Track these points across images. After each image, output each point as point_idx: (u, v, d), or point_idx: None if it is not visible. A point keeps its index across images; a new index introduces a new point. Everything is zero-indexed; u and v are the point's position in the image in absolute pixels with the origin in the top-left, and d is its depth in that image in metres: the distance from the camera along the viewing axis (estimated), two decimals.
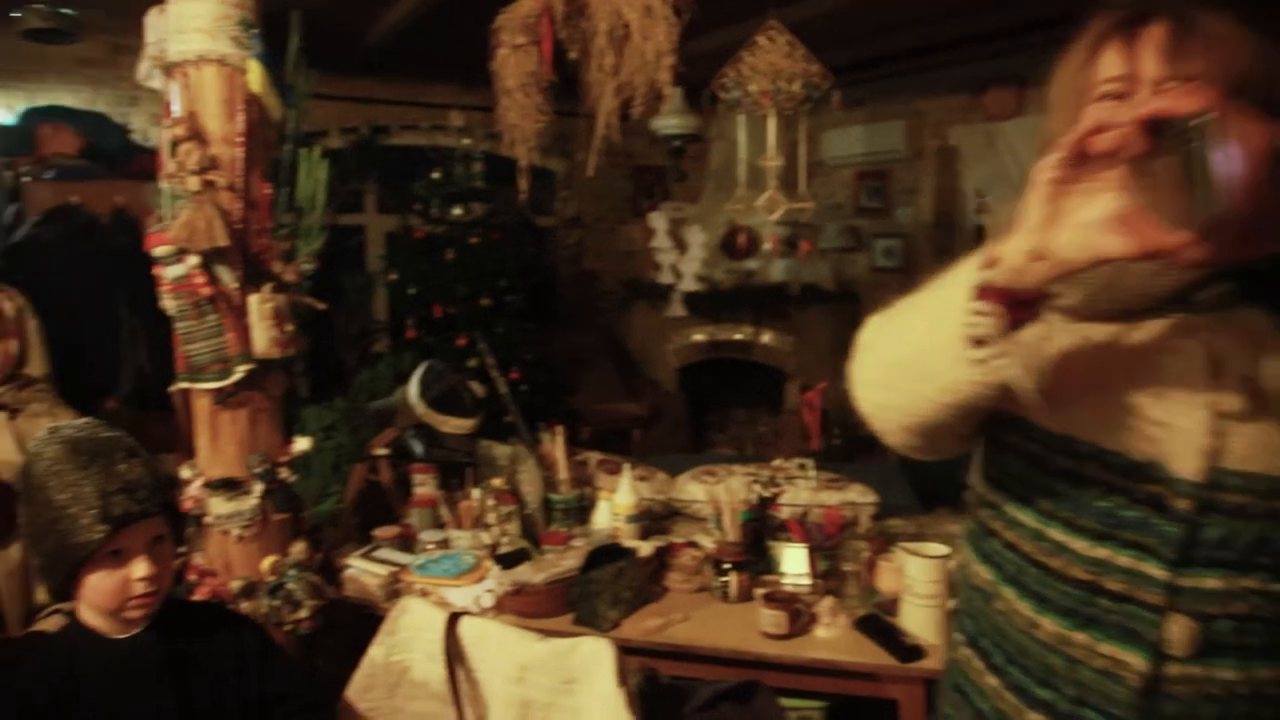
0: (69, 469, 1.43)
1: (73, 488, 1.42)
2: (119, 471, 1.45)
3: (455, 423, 2.74)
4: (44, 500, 1.43)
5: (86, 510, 1.41)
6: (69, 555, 1.42)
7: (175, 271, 2.05)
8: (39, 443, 1.49)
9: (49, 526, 1.42)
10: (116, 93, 5.31)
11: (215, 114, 2.13)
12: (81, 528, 1.41)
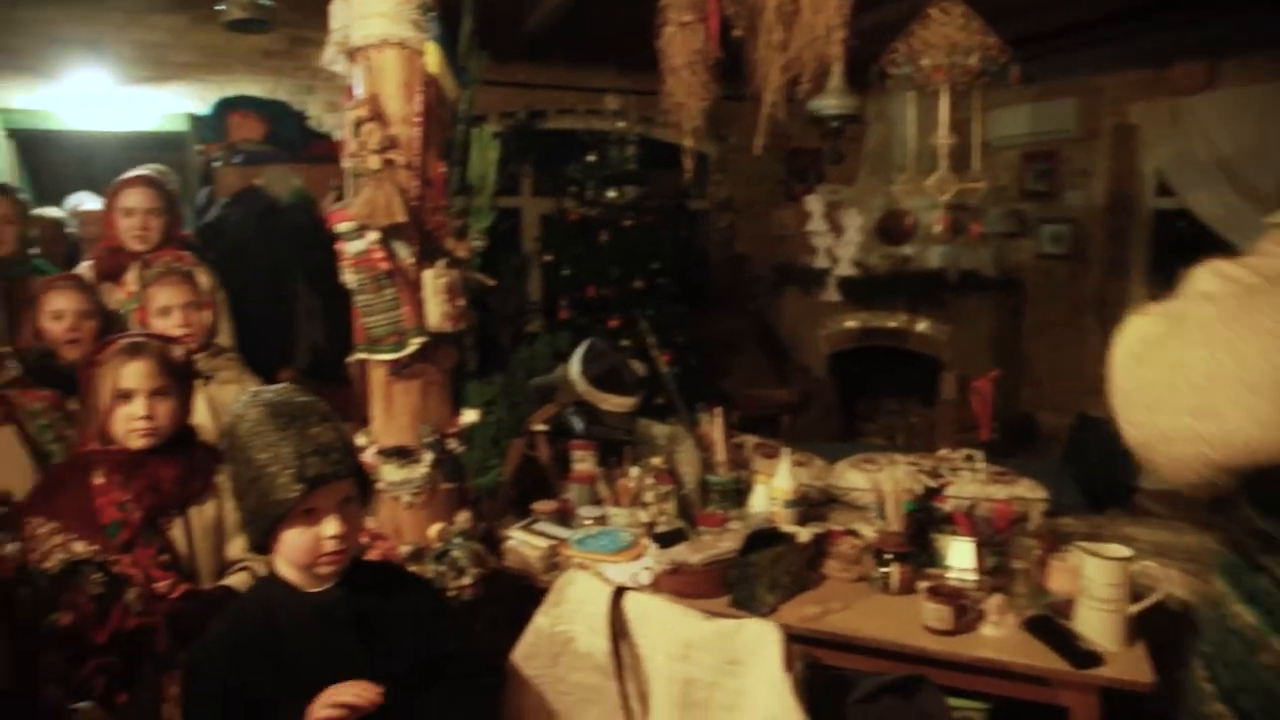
0: (269, 430, 1.52)
1: (272, 448, 1.50)
2: (313, 434, 1.53)
3: (615, 400, 2.76)
4: (246, 459, 1.52)
5: (284, 470, 1.49)
6: (268, 511, 1.51)
7: (356, 247, 2.14)
8: (242, 405, 1.58)
9: (251, 484, 1.51)
10: (295, 82, 5.60)
11: (395, 95, 2.20)
12: (279, 486, 1.49)
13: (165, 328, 2.55)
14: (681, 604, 1.88)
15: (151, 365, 1.99)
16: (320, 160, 4.38)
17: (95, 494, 1.97)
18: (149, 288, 2.58)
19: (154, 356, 2.00)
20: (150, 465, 2.00)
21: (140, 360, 1.98)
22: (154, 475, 2.01)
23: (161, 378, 1.99)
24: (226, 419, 1.62)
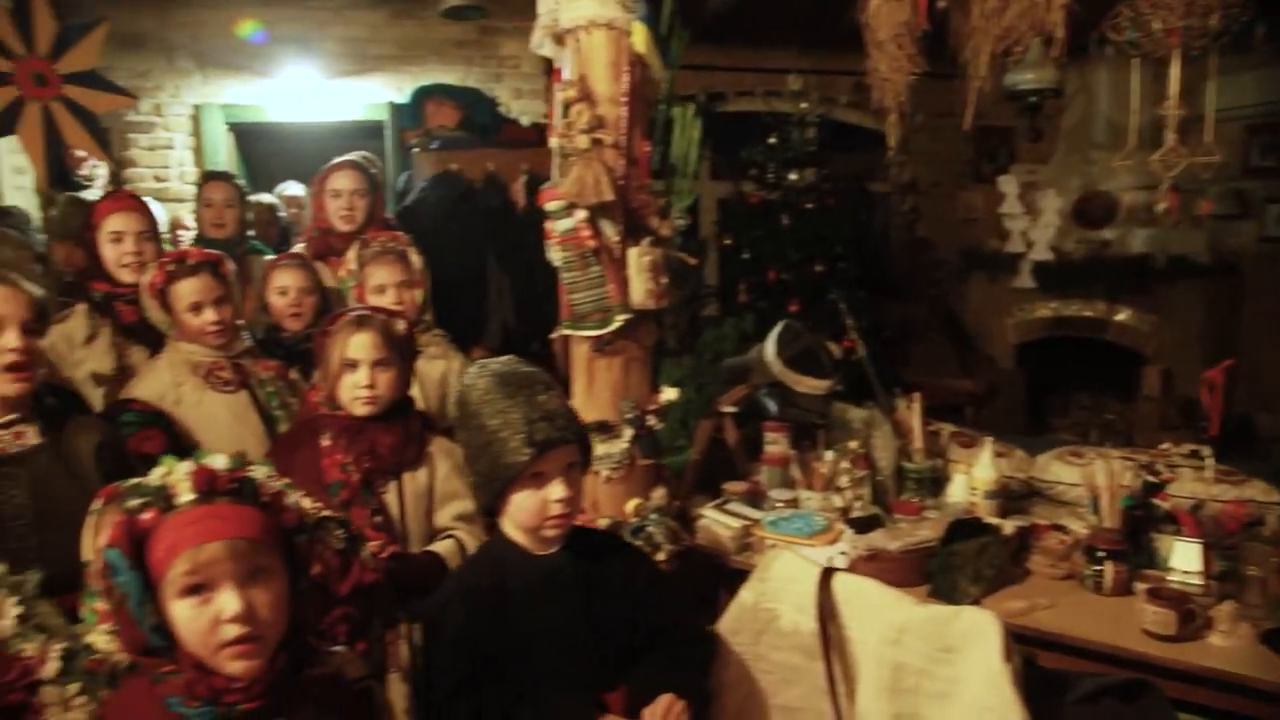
0: (498, 398, 1.58)
1: (502, 414, 1.56)
2: (540, 401, 1.58)
3: (811, 383, 2.72)
4: (478, 425, 1.59)
5: (515, 435, 1.54)
6: (499, 474, 1.57)
7: (564, 225, 2.19)
8: (471, 375, 1.65)
9: (483, 449, 1.58)
10: (485, 70, 5.82)
11: (603, 76, 2.23)
12: (510, 450, 1.54)
13: (380, 305, 2.68)
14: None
15: (376, 337, 2.10)
16: (511, 145, 4.52)
17: (322, 455, 2.10)
18: (366, 266, 2.72)
19: (379, 329, 2.11)
20: (370, 431, 2.12)
21: (366, 332, 2.09)
22: (373, 441, 2.12)
23: (385, 349, 2.10)
24: (458, 389, 1.69)
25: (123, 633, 1.22)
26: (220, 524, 1.19)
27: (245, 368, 2.59)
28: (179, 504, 1.20)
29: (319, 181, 3.20)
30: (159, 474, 1.23)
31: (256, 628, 1.19)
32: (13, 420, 1.84)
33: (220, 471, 1.23)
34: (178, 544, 1.18)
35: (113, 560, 1.19)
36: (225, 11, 5.48)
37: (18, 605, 1.44)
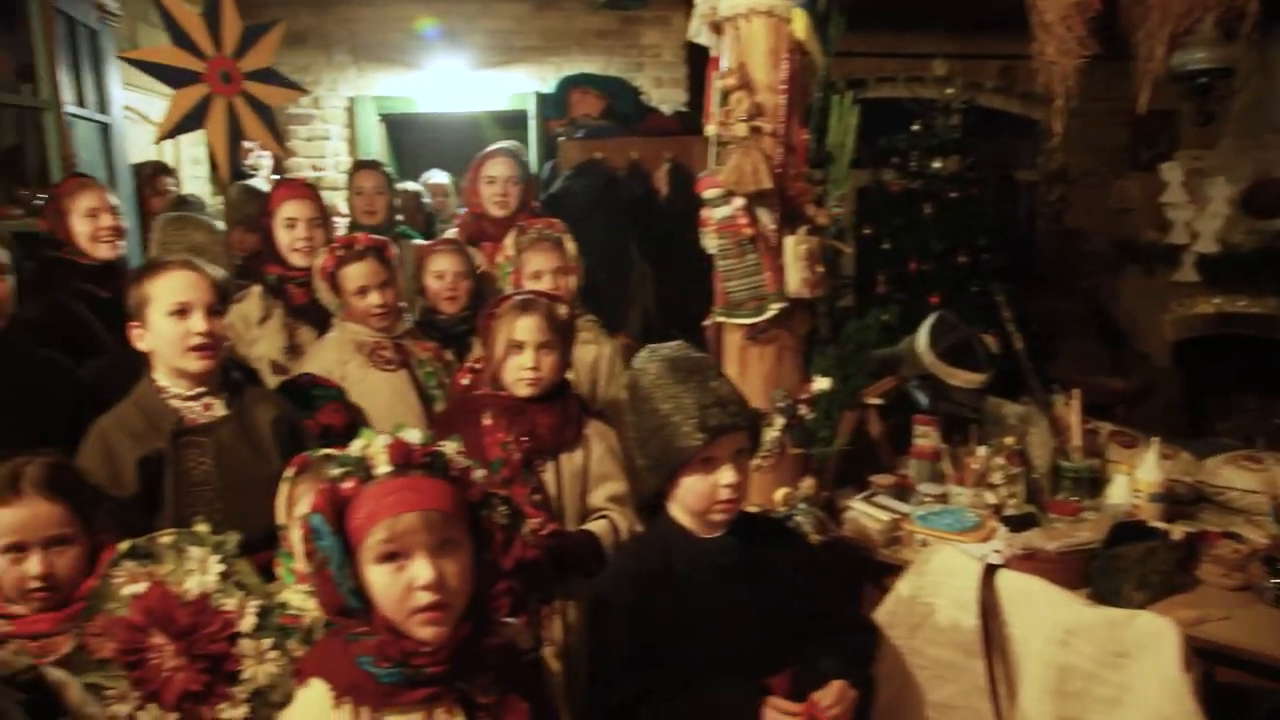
0: (670, 383, 1.60)
1: (674, 399, 1.59)
2: (713, 387, 1.60)
3: (965, 376, 2.65)
4: (650, 410, 1.62)
5: (687, 419, 1.57)
6: (671, 457, 1.59)
7: (722, 212, 2.20)
8: (642, 360, 1.69)
9: (655, 433, 1.61)
10: (626, 59, 5.87)
11: (762, 64, 2.23)
12: (683, 434, 1.57)
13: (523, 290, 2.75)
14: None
15: (541, 320, 2.15)
16: (654, 133, 4.55)
17: (484, 433, 2.18)
18: (523, 252, 2.79)
19: (543, 313, 2.17)
20: (531, 412, 2.18)
21: (531, 315, 2.15)
22: (533, 421, 2.19)
23: (549, 332, 2.16)
24: (628, 374, 1.72)
25: (322, 593, 1.31)
26: (415, 496, 1.26)
27: (406, 348, 2.70)
28: (377, 475, 1.27)
29: (474, 168, 3.30)
30: (359, 445, 1.30)
31: (445, 596, 1.26)
32: (201, 393, 1.98)
33: (415, 446, 1.29)
34: (376, 513, 1.24)
35: (316, 525, 1.28)
36: (380, 7, 5.70)
37: (220, 563, 1.56)
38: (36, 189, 3.17)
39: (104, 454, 1.93)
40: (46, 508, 1.59)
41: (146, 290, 1.96)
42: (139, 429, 1.94)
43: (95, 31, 3.34)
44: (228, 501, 1.91)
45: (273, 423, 2.03)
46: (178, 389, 1.97)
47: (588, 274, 3.17)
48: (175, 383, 1.98)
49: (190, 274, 1.97)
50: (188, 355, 1.93)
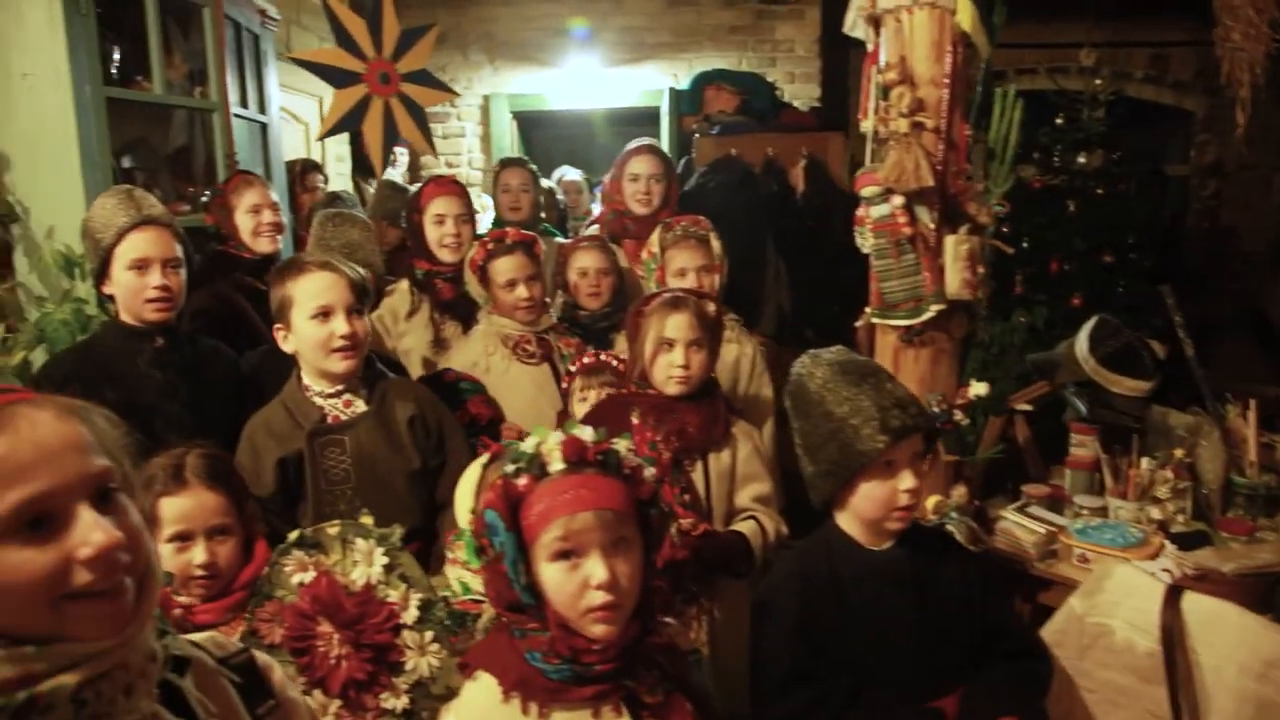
0: (843, 385, 1.57)
1: (850, 402, 1.55)
2: (889, 389, 1.56)
3: (1129, 384, 2.51)
4: (823, 414, 1.58)
5: (867, 421, 1.53)
6: (851, 461, 1.55)
7: (880, 211, 2.14)
8: (805, 365, 1.65)
9: (830, 437, 1.57)
10: (759, 54, 5.82)
11: (924, 57, 2.16)
12: (864, 437, 1.53)
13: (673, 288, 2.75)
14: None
15: (691, 318, 2.14)
16: (790, 129, 4.49)
17: (633, 432, 2.17)
18: (668, 250, 2.78)
19: (693, 310, 2.15)
20: (679, 411, 2.17)
21: (682, 313, 2.14)
22: (682, 420, 2.17)
23: (698, 330, 2.14)
24: (791, 379, 1.69)
25: (494, 588, 1.32)
26: (590, 494, 1.26)
27: (549, 342, 2.74)
28: (551, 472, 1.28)
29: (618, 165, 3.31)
30: (532, 442, 1.31)
31: (618, 595, 1.25)
32: (342, 390, 2.03)
33: (589, 444, 1.30)
34: (551, 511, 1.25)
35: (491, 521, 1.29)
36: (516, 6, 5.80)
37: (384, 555, 1.59)
38: (202, 186, 3.34)
39: (250, 453, 2.01)
40: (210, 497, 1.64)
41: (289, 292, 2.00)
42: (283, 430, 2.00)
43: (257, 36, 3.50)
44: (366, 499, 1.94)
45: (410, 420, 2.05)
46: (320, 387, 2.03)
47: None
48: (318, 381, 2.03)
49: (330, 275, 1.99)
50: (331, 357, 1.97)
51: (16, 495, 0.77)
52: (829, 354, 1.65)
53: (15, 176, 2.67)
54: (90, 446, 0.83)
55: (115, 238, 2.13)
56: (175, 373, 2.23)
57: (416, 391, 2.12)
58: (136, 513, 0.85)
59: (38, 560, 0.77)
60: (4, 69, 2.64)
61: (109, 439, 0.86)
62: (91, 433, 0.84)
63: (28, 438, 0.79)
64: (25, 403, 0.82)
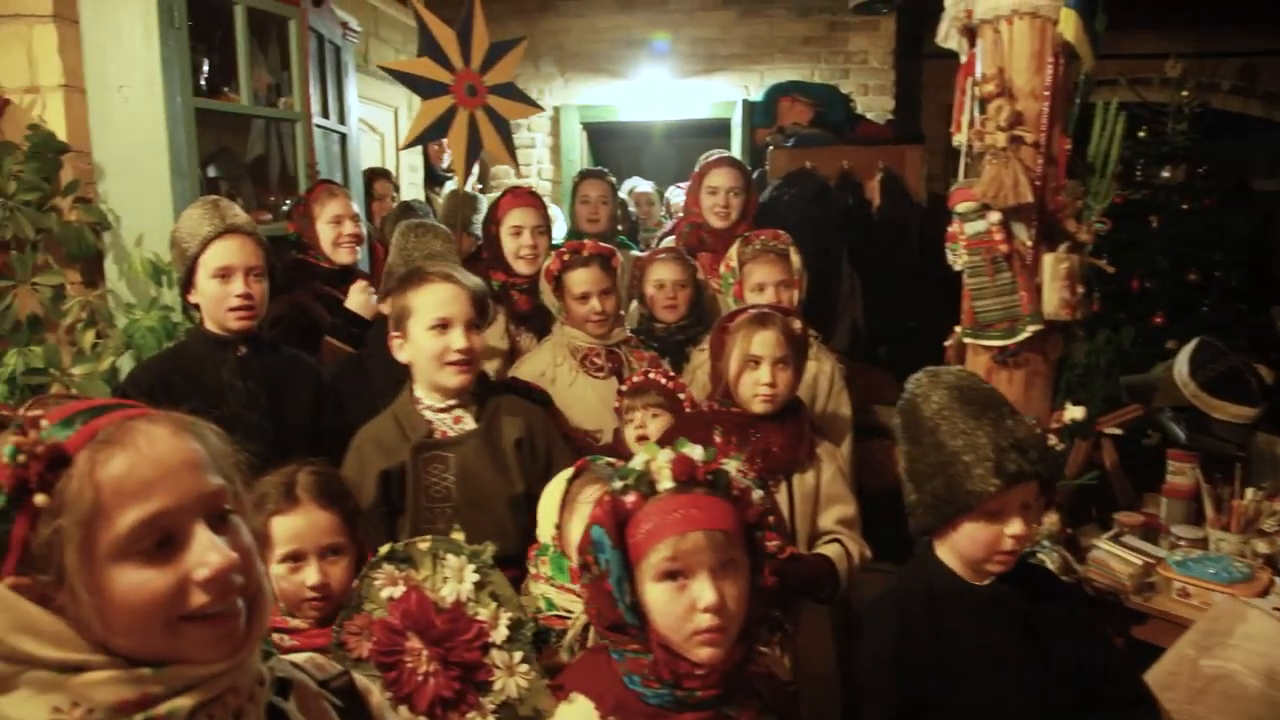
0: (961, 416, 1.49)
1: (965, 435, 1.47)
2: (1009, 427, 1.47)
3: (1232, 410, 2.40)
4: (935, 443, 1.51)
5: (980, 461, 1.45)
6: (958, 500, 1.48)
7: (976, 227, 2.07)
8: (921, 386, 1.57)
9: (938, 469, 1.50)
10: (831, 66, 5.75)
11: (1023, 68, 2.09)
12: (975, 477, 1.45)
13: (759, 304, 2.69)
14: None
15: (778, 335, 2.09)
16: (867, 142, 4.42)
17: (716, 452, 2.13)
18: (746, 264, 2.74)
19: (780, 327, 2.11)
20: (764, 430, 2.12)
21: (769, 330, 2.09)
22: (766, 439, 2.12)
23: (785, 347, 2.09)
24: (904, 398, 1.62)
25: (597, 607, 1.28)
26: (701, 514, 1.22)
27: (620, 356, 2.70)
28: (660, 490, 1.25)
29: (695, 177, 3.27)
30: (641, 460, 1.28)
31: (725, 618, 1.21)
32: (453, 405, 2.01)
33: (698, 463, 1.26)
34: (661, 530, 1.22)
35: (597, 538, 1.26)
36: (589, 19, 5.81)
37: (475, 572, 1.57)
38: (282, 195, 3.38)
39: (357, 463, 2.01)
40: (322, 516, 1.60)
41: (409, 302, 1.99)
42: (390, 442, 1.99)
43: (339, 48, 3.54)
44: (465, 519, 1.90)
45: (518, 442, 2.00)
46: (431, 400, 2.01)
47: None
48: (430, 394, 2.01)
49: (452, 287, 1.98)
50: (445, 370, 1.95)
51: (138, 514, 0.76)
52: (949, 376, 1.56)
53: (108, 186, 2.73)
54: (205, 464, 0.82)
55: (200, 246, 2.15)
56: (257, 382, 2.24)
57: (528, 413, 2.07)
58: (248, 533, 0.84)
59: (157, 581, 0.76)
60: (101, 81, 2.69)
61: (222, 456, 0.85)
62: (206, 450, 0.83)
63: (147, 454, 0.78)
64: (142, 418, 0.81)
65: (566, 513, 1.75)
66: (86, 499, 0.74)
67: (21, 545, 0.75)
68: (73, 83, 2.70)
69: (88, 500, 0.74)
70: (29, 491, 0.74)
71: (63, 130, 2.67)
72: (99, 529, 0.75)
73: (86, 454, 0.76)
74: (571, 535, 1.71)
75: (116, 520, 0.75)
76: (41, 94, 2.69)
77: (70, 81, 2.69)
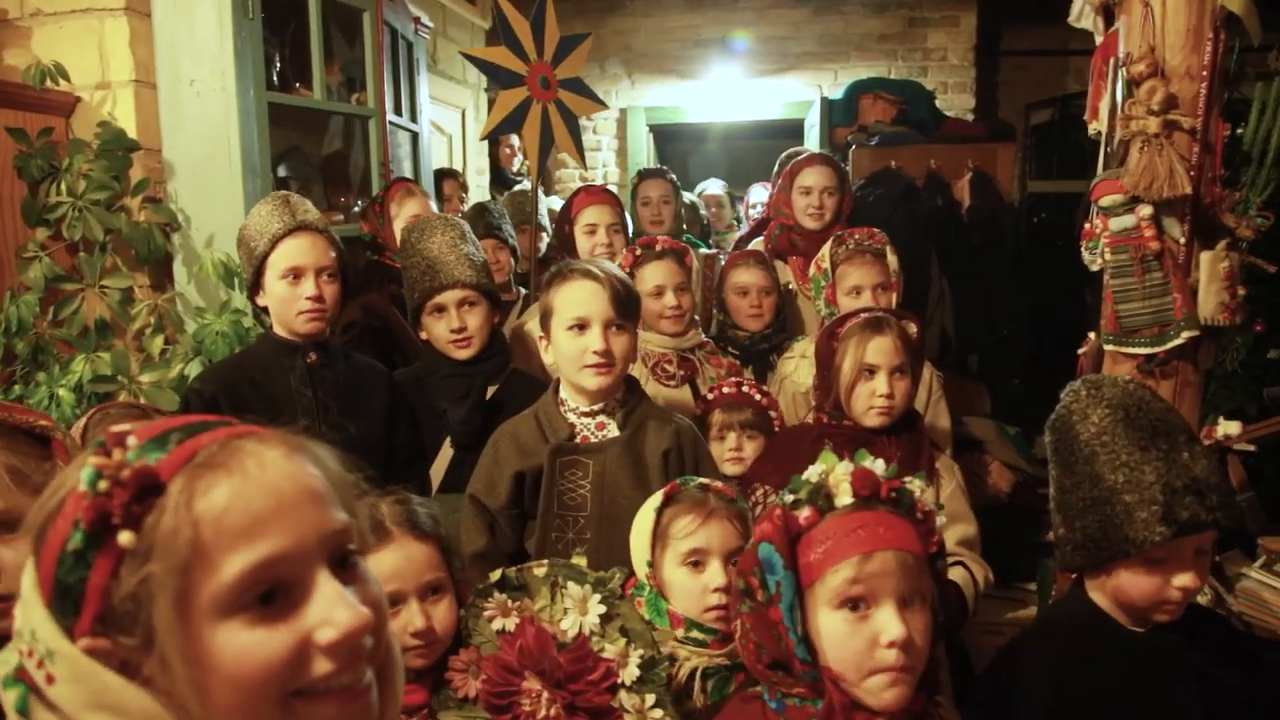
0: (1125, 444, 1.27)
1: (1129, 469, 1.26)
2: (1184, 462, 1.25)
3: None
4: (1091, 474, 1.30)
5: (1146, 504, 1.23)
6: (1114, 546, 1.27)
7: (1123, 223, 1.87)
8: (1079, 400, 1.35)
9: (1092, 506, 1.29)
10: (909, 64, 5.54)
11: (1179, 46, 1.88)
12: (1137, 521, 1.24)
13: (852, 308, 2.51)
14: None
15: (895, 341, 1.91)
16: (954, 140, 4.21)
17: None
18: (841, 265, 2.55)
19: (896, 332, 1.92)
20: (878, 444, 1.94)
21: (885, 336, 1.91)
22: (881, 454, 1.92)
23: (902, 355, 1.91)
24: (1058, 413, 1.42)
25: (759, 639, 1.11)
26: (889, 533, 1.06)
27: (694, 363, 2.54)
28: (838, 506, 1.08)
29: (786, 176, 3.09)
30: (817, 471, 1.11)
31: (911, 656, 1.05)
32: (598, 410, 1.83)
33: (882, 478, 1.09)
34: (841, 548, 1.05)
35: (766, 557, 1.09)
36: (657, 18, 5.67)
37: (601, 603, 1.39)
38: (355, 195, 3.27)
39: (492, 459, 1.87)
40: (419, 549, 1.40)
41: (550, 301, 1.84)
42: (529, 442, 1.83)
43: (411, 43, 3.43)
44: (599, 532, 1.76)
45: (665, 454, 1.82)
46: (575, 403, 1.85)
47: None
48: (574, 397, 1.85)
49: (590, 285, 1.79)
50: (584, 372, 1.78)
51: (248, 558, 0.59)
52: (1114, 390, 1.33)
53: (178, 185, 2.63)
54: (328, 496, 0.65)
55: (269, 245, 2.00)
56: (326, 391, 2.09)
57: (678, 425, 1.89)
58: (377, 582, 0.67)
59: (271, 644, 0.59)
60: (173, 76, 2.60)
61: (344, 486, 0.68)
62: (326, 477, 0.66)
63: (259, 482, 0.61)
64: (250, 437, 0.65)
65: (659, 549, 1.55)
66: (183, 538, 0.58)
67: (101, 597, 0.58)
68: (144, 78, 2.60)
69: (184, 540, 0.58)
70: (112, 528, 0.58)
71: (132, 127, 2.58)
72: (198, 577, 0.58)
73: (182, 481, 0.60)
74: (667, 575, 1.52)
75: (221, 566, 0.59)
76: (112, 90, 2.60)
77: (141, 77, 2.60)
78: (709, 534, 1.49)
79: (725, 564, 1.48)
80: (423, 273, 2.24)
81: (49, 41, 2.62)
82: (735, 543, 1.50)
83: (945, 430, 2.59)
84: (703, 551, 1.49)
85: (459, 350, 2.22)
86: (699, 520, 1.50)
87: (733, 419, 2.26)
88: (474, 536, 1.84)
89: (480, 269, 2.26)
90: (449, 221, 2.32)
